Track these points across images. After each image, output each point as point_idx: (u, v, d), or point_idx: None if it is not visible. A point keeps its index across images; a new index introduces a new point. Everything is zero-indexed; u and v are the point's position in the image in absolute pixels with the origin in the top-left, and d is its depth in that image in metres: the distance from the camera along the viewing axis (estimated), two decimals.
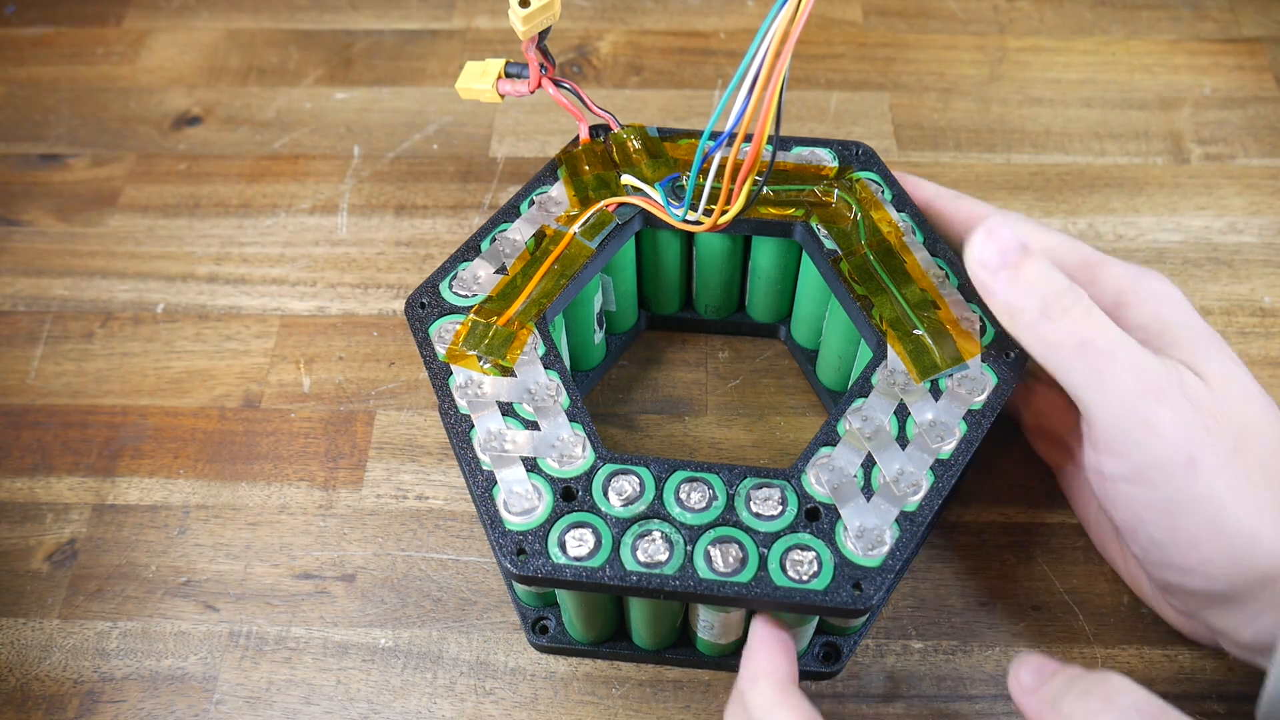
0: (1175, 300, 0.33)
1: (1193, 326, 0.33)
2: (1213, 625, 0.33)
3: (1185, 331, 0.32)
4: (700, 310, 0.43)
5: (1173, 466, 0.30)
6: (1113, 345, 0.31)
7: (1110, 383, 0.31)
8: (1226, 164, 0.49)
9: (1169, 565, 0.32)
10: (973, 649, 0.37)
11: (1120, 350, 0.31)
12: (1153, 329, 0.33)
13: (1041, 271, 0.32)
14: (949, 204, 0.38)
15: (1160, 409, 0.30)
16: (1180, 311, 0.33)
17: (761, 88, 0.29)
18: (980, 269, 0.32)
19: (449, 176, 0.49)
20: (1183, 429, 0.30)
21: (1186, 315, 0.33)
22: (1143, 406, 0.30)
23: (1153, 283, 0.34)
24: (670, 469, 0.32)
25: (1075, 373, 0.31)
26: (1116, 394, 0.31)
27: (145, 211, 0.49)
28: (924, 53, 0.53)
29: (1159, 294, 0.33)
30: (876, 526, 0.31)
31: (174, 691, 0.36)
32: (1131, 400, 0.31)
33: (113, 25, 0.56)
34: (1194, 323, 0.33)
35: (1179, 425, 0.30)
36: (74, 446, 0.42)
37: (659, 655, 0.36)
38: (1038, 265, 0.32)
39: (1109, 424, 0.31)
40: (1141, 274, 0.34)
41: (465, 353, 0.34)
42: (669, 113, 0.51)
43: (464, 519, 0.40)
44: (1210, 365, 0.31)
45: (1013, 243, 0.32)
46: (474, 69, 0.37)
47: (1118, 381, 0.31)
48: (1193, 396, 0.31)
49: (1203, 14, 0.54)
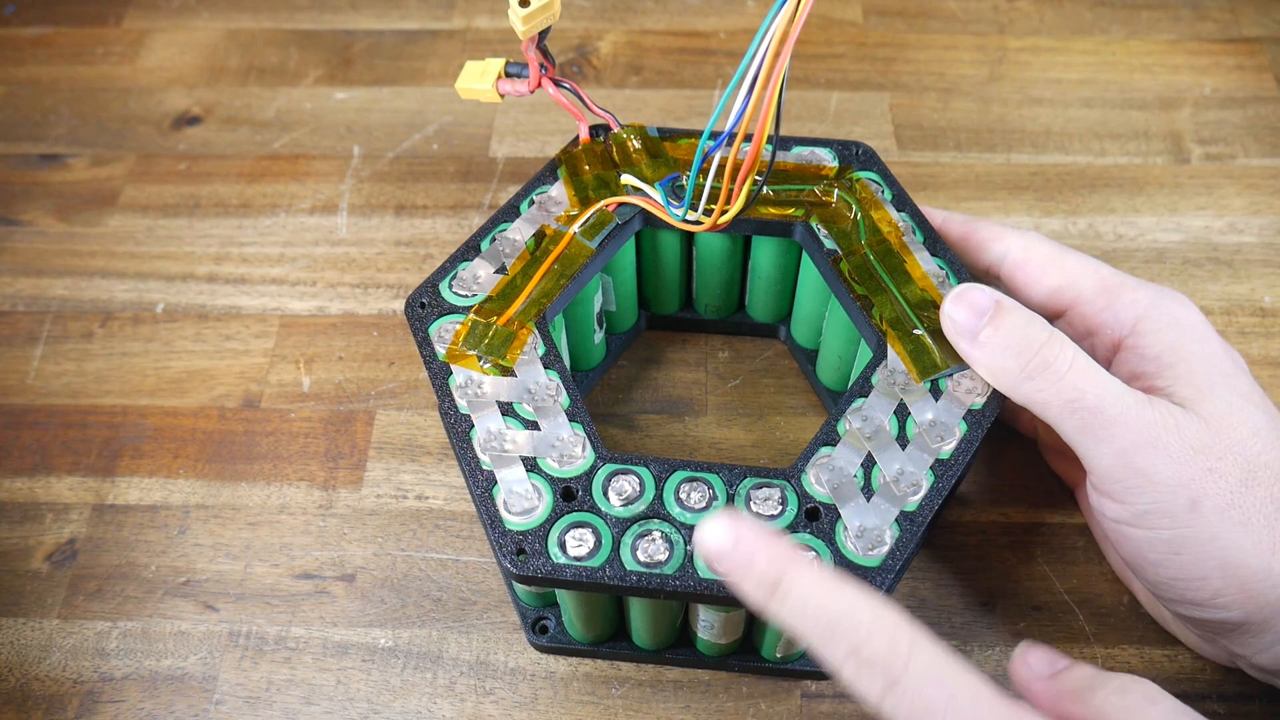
0: (1193, 325, 0.33)
1: (1205, 358, 0.32)
2: (1232, 649, 0.33)
3: (1198, 364, 0.32)
4: (700, 310, 0.43)
5: (1175, 510, 0.30)
6: (1100, 400, 0.30)
7: (1102, 437, 0.30)
8: (1226, 164, 0.48)
9: (1181, 600, 0.32)
10: (973, 649, 0.37)
11: (1109, 405, 0.30)
12: (1165, 360, 0.32)
13: (1014, 326, 0.31)
14: (957, 229, 0.37)
15: (1155, 458, 0.30)
16: (1197, 340, 0.32)
17: (761, 88, 0.29)
18: (956, 336, 0.32)
19: (449, 176, 0.49)
20: (1181, 474, 0.30)
21: (1203, 344, 0.32)
22: (1138, 458, 0.30)
23: (1171, 307, 0.33)
24: (670, 469, 0.32)
25: (1066, 428, 0.31)
26: (1110, 447, 0.30)
27: (145, 211, 0.49)
28: (924, 53, 0.53)
29: (1177, 319, 0.33)
30: (876, 526, 0.31)
31: (174, 691, 0.36)
32: (1126, 453, 0.30)
33: (112, 25, 0.56)
34: (1208, 351, 0.32)
35: (1177, 471, 0.30)
36: (74, 446, 0.42)
37: (659, 655, 0.36)
38: (1011, 320, 0.31)
39: (1106, 475, 0.31)
40: (1160, 297, 0.33)
41: (465, 352, 0.34)
42: (669, 113, 0.51)
43: (464, 519, 0.40)
44: (1215, 404, 0.31)
45: (984, 303, 0.31)
46: (474, 69, 0.37)
47: (1109, 436, 0.30)
48: (1189, 441, 0.30)
49: (1203, 14, 0.54)
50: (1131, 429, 0.30)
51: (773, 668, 0.36)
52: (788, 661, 0.35)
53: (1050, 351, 0.31)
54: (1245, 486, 0.30)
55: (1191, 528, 0.30)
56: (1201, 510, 0.30)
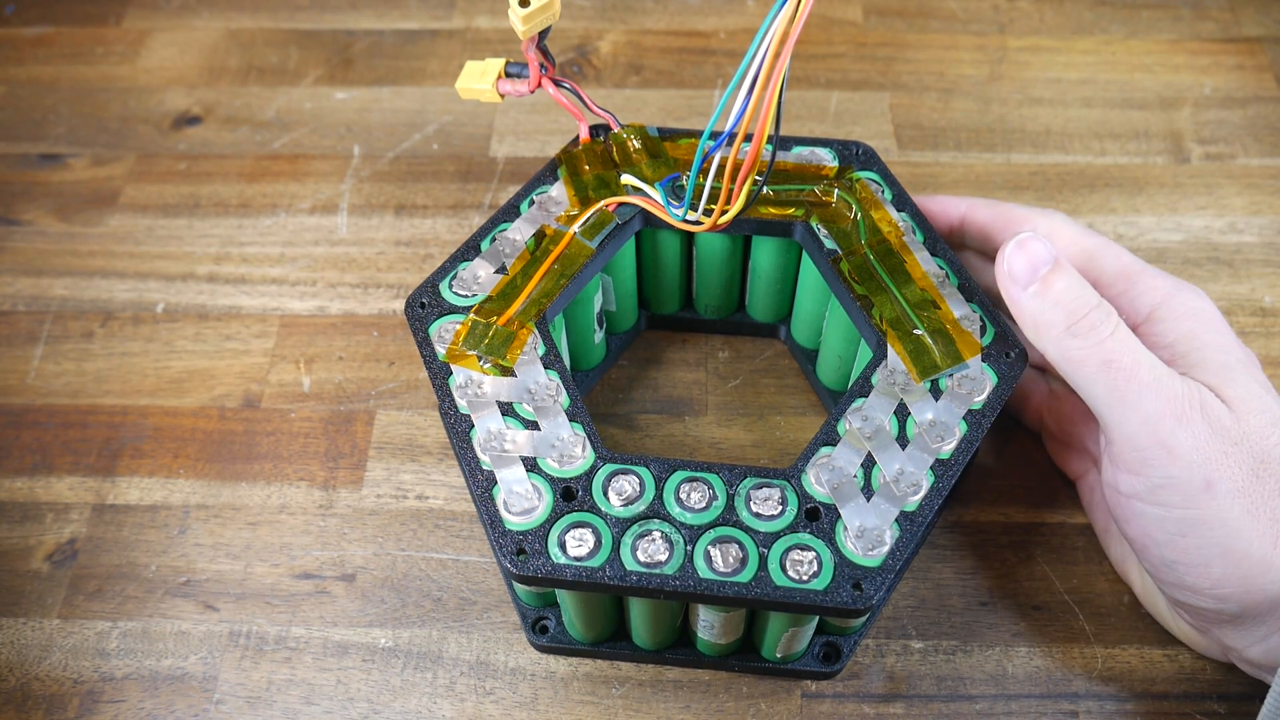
0: (1209, 317, 0.33)
1: (1224, 347, 0.32)
2: (1224, 642, 0.33)
3: (1215, 353, 0.32)
4: (700, 310, 0.43)
5: (1189, 488, 0.30)
6: (1136, 365, 0.31)
7: (1131, 402, 0.31)
8: (1226, 164, 0.48)
9: (1180, 585, 0.32)
10: (973, 649, 0.37)
11: (1143, 370, 0.31)
12: (1181, 348, 0.32)
13: (1069, 286, 0.32)
14: (984, 212, 0.37)
15: (1179, 431, 0.30)
16: (1213, 331, 0.33)
17: (761, 87, 0.29)
18: (1009, 283, 0.32)
19: (449, 176, 0.49)
20: (1201, 452, 0.30)
21: (1219, 335, 0.33)
22: (1162, 428, 0.30)
23: (1189, 298, 0.33)
24: (670, 469, 0.32)
25: (1097, 388, 0.31)
26: (1137, 413, 0.31)
27: (145, 211, 0.49)
28: (924, 53, 0.53)
29: (1194, 310, 0.33)
30: (876, 526, 0.31)
31: (174, 691, 0.36)
32: (1151, 421, 0.30)
33: (112, 25, 0.56)
34: (1225, 343, 0.32)
35: (1197, 448, 0.30)
36: (74, 446, 0.42)
37: (659, 655, 0.36)
38: (1066, 279, 0.32)
39: (1127, 442, 0.31)
40: (1179, 288, 0.34)
41: (465, 352, 0.34)
42: (669, 113, 0.51)
43: (464, 519, 0.40)
44: (1236, 389, 0.31)
45: (1044, 255, 0.32)
46: (474, 69, 0.37)
47: (1138, 401, 0.31)
48: (1213, 420, 0.31)
49: (1203, 14, 0.54)
50: (1161, 397, 0.31)
51: (773, 668, 0.36)
52: (788, 661, 0.35)
53: (1098, 315, 0.31)
54: (1256, 476, 0.30)
55: (1202, 509, 0.30)
56: (1215, 492, 0.30)
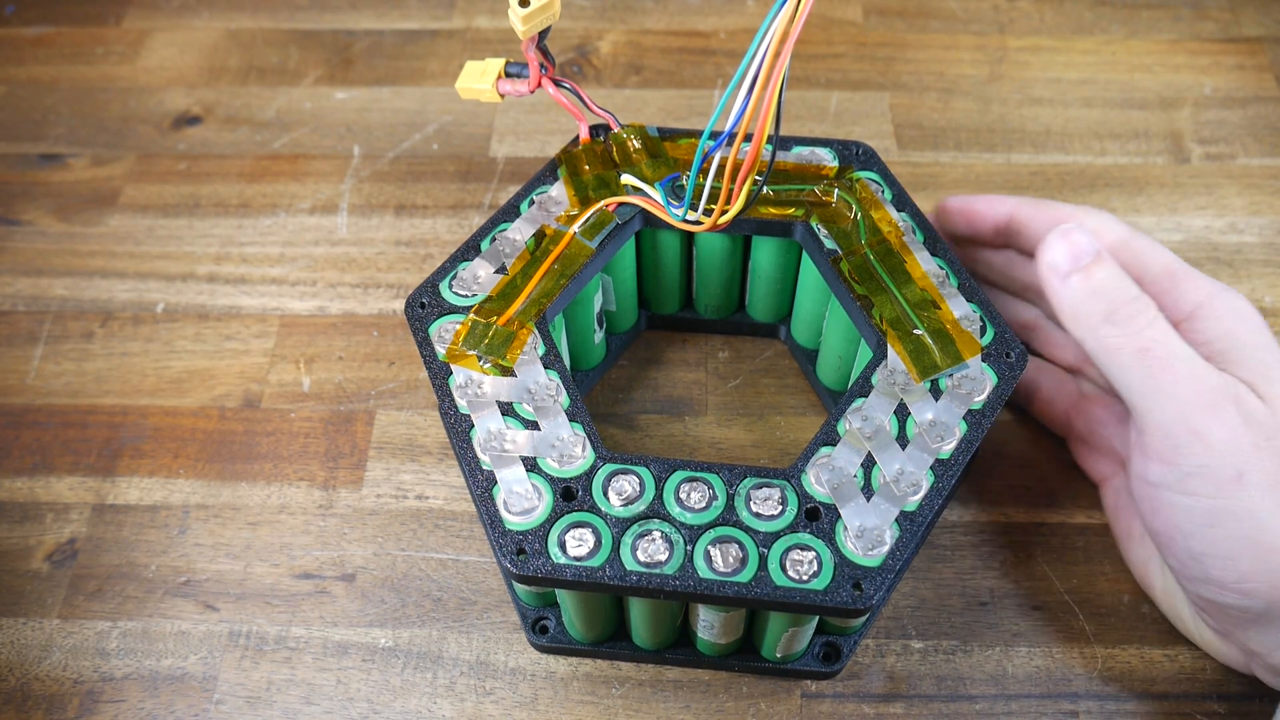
0: (1250, 318, 0.33)
1: (1263, 347, 0.33)
2: (1248, 646, 0.33)
3: (1254, 351, 0.32)
4: (700, 310, 0.43)
5: (1220, 478, 0.30)
6: (1172, 354, 0.31)
7: (1166, 389, 0.31)
8: (1227, 164, 0.48)
9: (1206, 580, 0.32)
10: (973, 649, 0.37)
11: (1179, 360, 0.31)
12: (1219, 346, 0.33)
13: (1110, 276, 0.32)
14: (1030, 210, 0.38)
15: (1213, 420, 0.31)
16: (1254, 331, 0.33)
17: (761, 87, 0.29)
18: (1050, 272, 0.33)
19: (449, 176, 0.49)
20: (1233, 442, 0.30)
21: (1259, 335, 0.33)
22: (1195, 416, 0.31)
23: (1232, 299, 0.34)
24: (670, 469, 0.32)
25: (1132, 376, 0.32)
26: (1171, 401, 0.31)
27: (145, 211, 0.49)
28: (924, 53, 0.53)
29: (1236, 310, 0.33)
30: (876, 526, 0.31)
31: (174, 691, 0.36)
32: (1185, 408, 0.31)
33: (112, 25, 0.56)
34: (1265, 343, 0.33)
35: (1230, 438, 0.30)
36: (74, 446, 0.42)
37: (659, 655, 0.36)
38: (1107, 269, 0.32)
39: (1160, 430, 0.31)
40: (1221, 290, 0.34)
41: (465, 352, 0.34)
42: (669, 113, 0.51)
43: (464, 519, 0.40)
44: (1274, 388, 0.32)
45: (1087, 246, 0.32)
46: (474, 69, 0.37)
47: (1173, 390, 0.31)
48: (1247, 413, 0.31)
49: (1203, 14, 0.54)
50: (1196, 387, 0.31)
51: (773, 668, 0.36)
52: (788, 661, 0.35)
53: (1137, 305, 0.32)
54: None
55: (1232, 500, 0.30)
56: (1246, 484, 0.30)
